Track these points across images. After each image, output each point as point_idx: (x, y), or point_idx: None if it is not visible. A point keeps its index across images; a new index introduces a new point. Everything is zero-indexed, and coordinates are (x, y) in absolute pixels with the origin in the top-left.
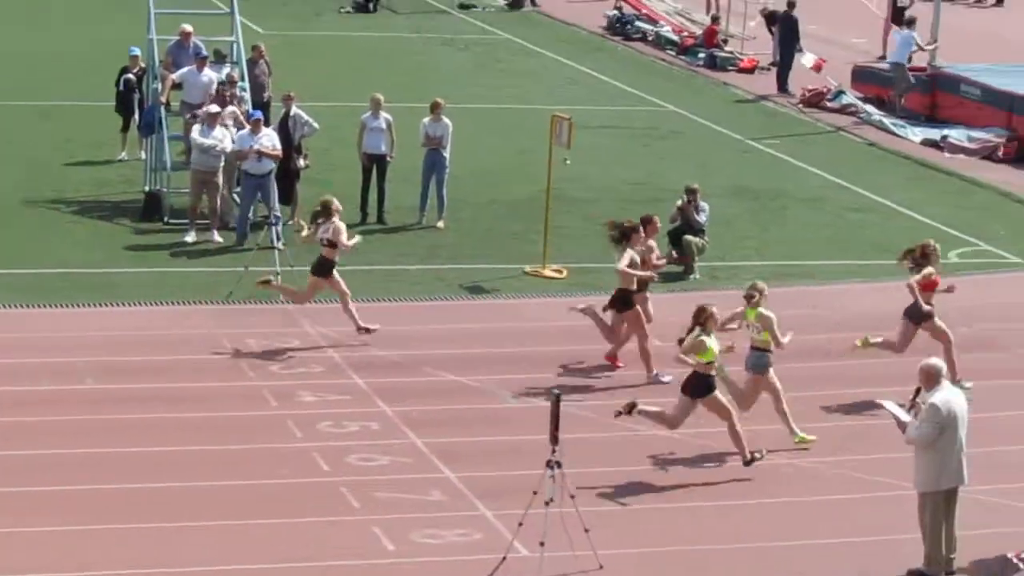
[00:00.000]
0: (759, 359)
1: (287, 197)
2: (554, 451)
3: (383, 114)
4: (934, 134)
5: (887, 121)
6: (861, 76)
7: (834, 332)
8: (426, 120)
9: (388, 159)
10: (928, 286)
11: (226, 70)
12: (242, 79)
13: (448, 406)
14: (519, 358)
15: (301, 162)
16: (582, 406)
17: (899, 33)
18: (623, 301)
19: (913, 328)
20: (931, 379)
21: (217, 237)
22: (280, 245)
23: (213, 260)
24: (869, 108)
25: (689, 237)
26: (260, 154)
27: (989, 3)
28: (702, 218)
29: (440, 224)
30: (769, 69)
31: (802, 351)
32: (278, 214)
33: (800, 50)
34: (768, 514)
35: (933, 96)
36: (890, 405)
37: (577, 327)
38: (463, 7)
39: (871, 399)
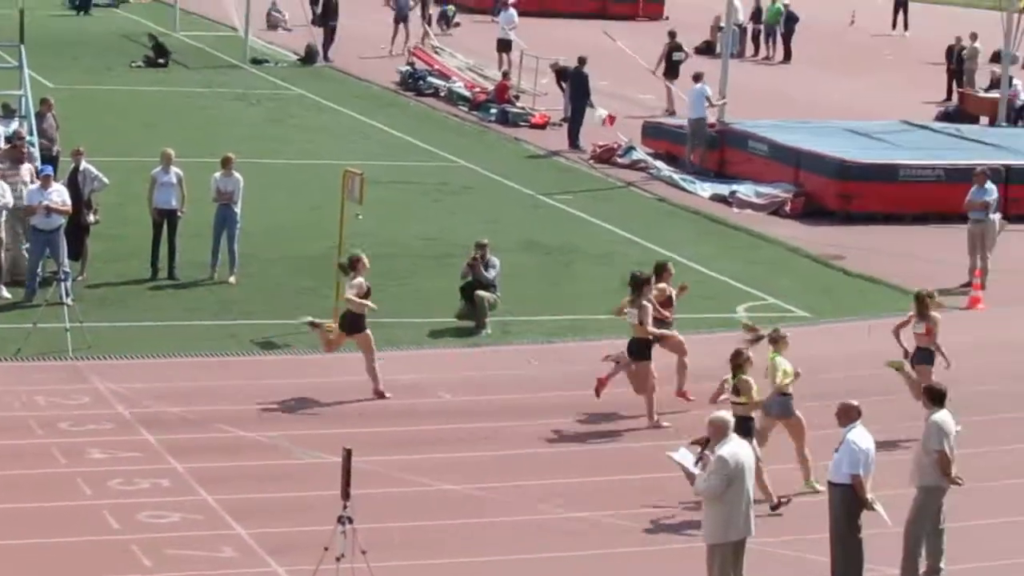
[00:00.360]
0: (783, 404)
1: (76, 252)
2: (345, 506)
3: (174, 169)
4: (723, 189)
5: (677, 177)
6: (651, 132)
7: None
8: (217, 175)
9: (179, 214)
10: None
11: (14, 125)
12: (31, 134)
13: (240, 462)
14: (311, 414)
15: (91, 217)
16: (372, 461)
17: (692, 88)
18: (639, 350)
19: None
20: (719, 432)
21: (5, 293)
22: (69, 301)
23: (0, 316)
24: (659, 164)
25: (481, 292)
26: (49, 210)
27: (776, 61)
28: (491, 273)
29: (232, 280)
30: (560, 125)
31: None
32: (67, 270)
33: (591, 105)
34: (559, 567)
35: (722, 152)
36: (679, 457)
37: (365, 382)
38: (255, 62)
39: (661, 452)
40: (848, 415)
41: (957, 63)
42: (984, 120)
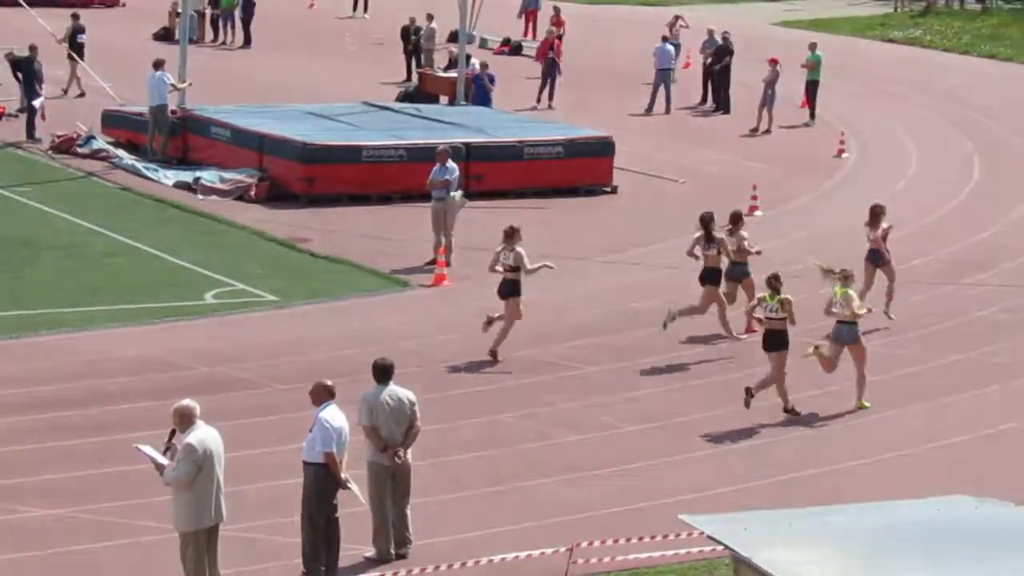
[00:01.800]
0: (851, 330)
1: None
2: None
3: None
4: (187, 176)
5: (139, 165)
6: (111, 121)
7: (94, 378)
8: None
9: None
10: (884, 237)
11: None
12: None
13: None
14: None
15: None
16: None
17: (152, 76)
18: (710, 277)
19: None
20: (185, 420)
21: None
22: None
23: None
24: (121, 152)
25: None
26: None
27: (236, 46)
28: None
29: None
30: (17, 115)
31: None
32: None
33: (39, 96)
34: (31, 567)
35: (184, 139)
36: (146, 449)
37: None
38: None
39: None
40: (321, 395)
41: (414, 44)
42: (444, 99)
